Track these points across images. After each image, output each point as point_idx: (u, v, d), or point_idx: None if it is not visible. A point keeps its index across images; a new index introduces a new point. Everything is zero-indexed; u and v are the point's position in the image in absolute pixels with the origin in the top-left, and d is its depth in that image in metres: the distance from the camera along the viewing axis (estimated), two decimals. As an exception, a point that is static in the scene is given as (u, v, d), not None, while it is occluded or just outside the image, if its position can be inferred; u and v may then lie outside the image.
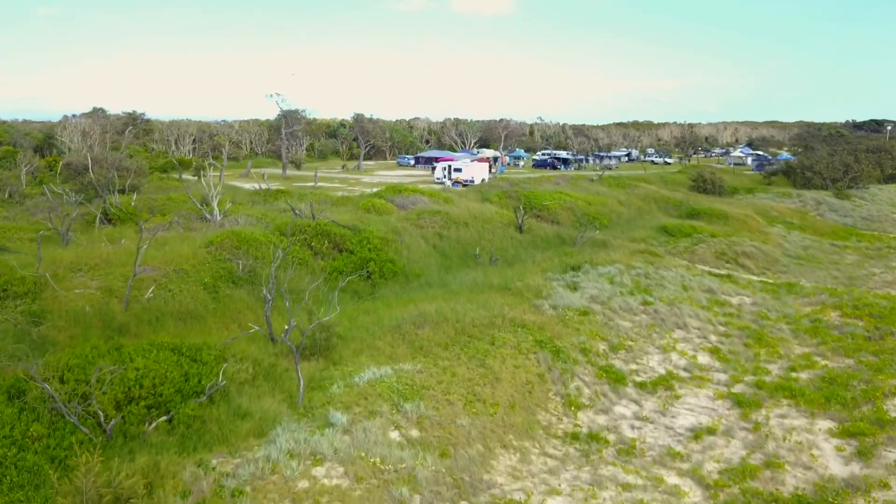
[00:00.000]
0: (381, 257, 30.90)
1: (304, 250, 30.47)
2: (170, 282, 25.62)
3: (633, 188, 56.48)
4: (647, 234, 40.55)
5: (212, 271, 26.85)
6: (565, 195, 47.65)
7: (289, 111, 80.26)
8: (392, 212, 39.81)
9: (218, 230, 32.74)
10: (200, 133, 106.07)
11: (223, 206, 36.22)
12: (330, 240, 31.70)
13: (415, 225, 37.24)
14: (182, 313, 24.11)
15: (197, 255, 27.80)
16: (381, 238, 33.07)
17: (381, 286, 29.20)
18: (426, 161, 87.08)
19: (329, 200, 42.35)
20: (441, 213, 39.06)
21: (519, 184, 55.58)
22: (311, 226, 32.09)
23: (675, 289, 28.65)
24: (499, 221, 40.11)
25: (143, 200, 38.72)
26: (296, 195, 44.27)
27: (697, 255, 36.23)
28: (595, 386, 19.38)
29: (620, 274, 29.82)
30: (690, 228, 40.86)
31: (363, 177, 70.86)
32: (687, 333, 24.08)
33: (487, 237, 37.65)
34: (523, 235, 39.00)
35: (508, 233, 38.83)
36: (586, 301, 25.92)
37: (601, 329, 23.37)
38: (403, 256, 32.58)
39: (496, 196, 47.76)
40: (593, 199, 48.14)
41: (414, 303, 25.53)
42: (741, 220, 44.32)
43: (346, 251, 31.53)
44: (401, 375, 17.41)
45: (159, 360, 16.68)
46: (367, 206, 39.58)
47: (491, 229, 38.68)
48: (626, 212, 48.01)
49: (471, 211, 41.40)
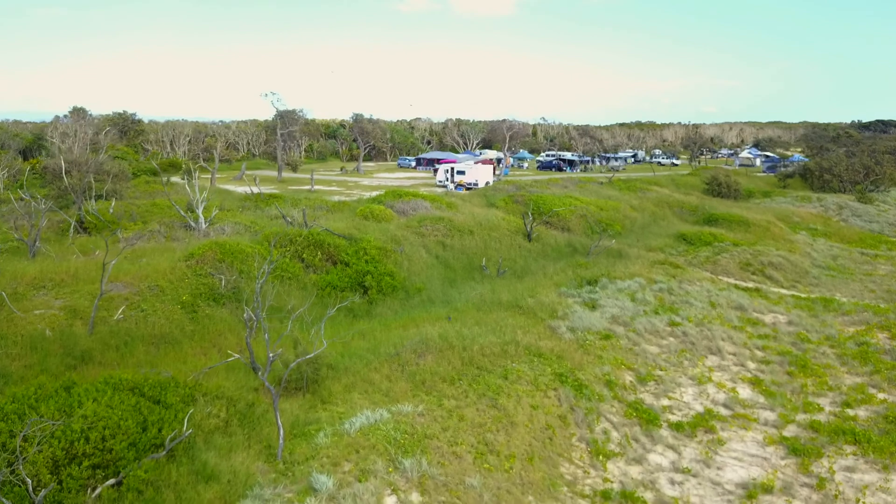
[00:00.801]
0: (378, 270, 28.28)
1: (295, 263, 27.87)
2: (143, 300, 23.02)
3: (645, 192, 53.81)
4: (665, 243, 37.92)
5: (191, 288, 24.25)
6: (575, 200, 45.01)
7: (285, 111, 77.66)
8: (391, 218, 37.19)
9: (201, 241, 30.17)
10: (196, 134, 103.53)
11: (209, 214, 33.64)
12: (323, 251, 29.10)
13: (416, 233, 34.62)
14: (155, 337, 21.51)
15: (175, 270, 25.20)
16: (379, 248, 30.46)
17: (379, 303, 26.58)
18: (428, 163, 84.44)
19: (324, 206, 39.73)
20: (444, 220, 36.44)
21: (525, 187, 52.93)
22: (303, 235, 29.49)
23: (702, 306, 26.03)
24: (506, 229, 37.46)
25: (124, 207, 36.14)
26: (289, 200, 41.66)
27: (721, 266, 33.58)
28: (624, 428, 16.74)
29: (642, 289, 27.20)
30: (710, 236, 38.21)
31: (362, 179, 68.25)
32: (721, 360, 21.44)
33: (494, 246, 35.02)
34: (532, 244, 36.37)
35: (516, 241, 36.19)
36: (607, 322, 23.30)
37: (626, 356, 20.74)
38: (403, 268, 29.95)
39: (502, 201, 45.12)
40: (605, 204, 45.49)
41: (415, 323, 22.94)
42: (763, 226, 41.63)
43: (341, 263, 28.92)
44: (399, 420, 14.79)
45: (114, 405, 14.09)
46: (365, 212, 36.96)
47: (498, 237, 36.05)
48: (639, 217, 45.34)
49: (476, 217, 38.77)
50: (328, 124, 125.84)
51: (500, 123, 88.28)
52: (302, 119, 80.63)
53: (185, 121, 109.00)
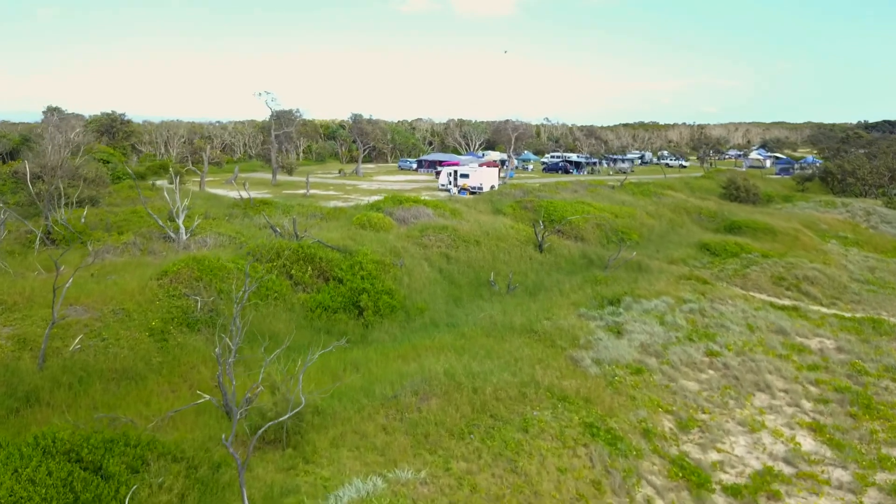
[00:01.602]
0: (375, 287, 25.37)
1: (282, 280, 24.97)
2: (105, 327, 20.12)
3: (659, 197, 50.86)
4: (687, 254, 34.99)
5: (162, 311, 21.35)
6: (588, 206, 42.08)
7: (281, 111, 74.77)
8: (391, 227, 34.27)
9: (180, 254, 27.30)
10: (191, 134, 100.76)
11: (191, 223, 30.76)
12: (314, 266, 26.20)
13: (417, 244, 31.70)
14: (116, 371, 18.61)
15: (146, 290, 22.30)
16: (377, 262, 27.56)
17: (376, 326, 23.67)
18: (429, 165, 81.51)
19: (318, 213, 36.83)
20: (448, 230, 33.52)
21: (533, 192, 49.99)
22: (291, 248, 26.58)
23: (739, 330, 23.11)
24: (515, 239, 34.53)
25: (99, 215, 33.26)
26: (281, 207, 38.76)
27: (751, 281, 30.65)
28: (670, 493, 13.81)
29: (671, 310, 24.28)
30: (736, 247, 35.26)
31: (361, 182, 65.36)
32: (772, 398, 18.50)
33: (503, 258, 32.10)
34: (544, 256, 33.44)
35: (527, 252, 33.26)
36: (637, 352, 20.39)
37: (663, 395, 17.81)
38: (404, 285, 27.04)
39: (509, 207, 42.19)
40: (620, 211, 42.55)
41: (416, 353, 20.04)
42: (791, 235, 38.69)
43: (334, 280, 26.01)
44: (398, 493, 11.91)
45: (38, 479, 11.26)
46: (362, 221, 34.05)
47: (506, 248, 33.12)
48: (657, 225, 42.39)
49: (482, 226, 35.84)
50: (327, 125, 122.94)
51: (504, 124, 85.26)
52: (299, 119, 77.76)
53: (179, 121, 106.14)
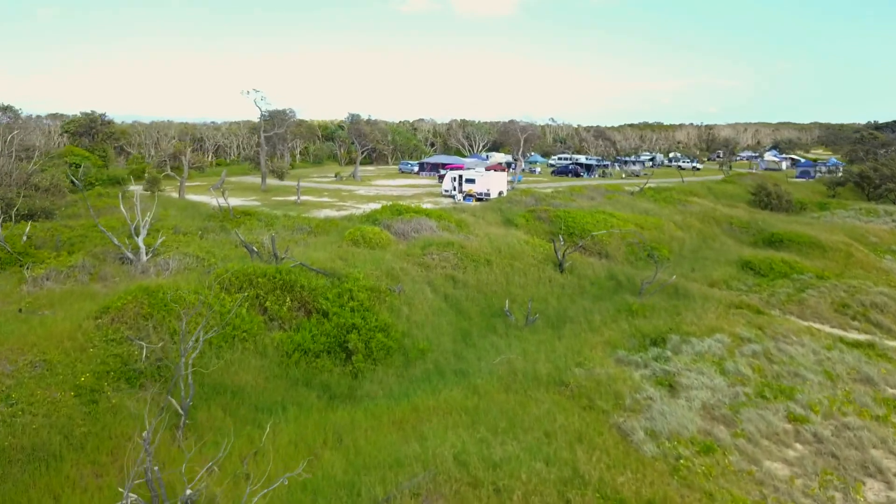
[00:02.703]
0: (368, 323, 20.90)
1: (253, 315, 20.51)
2: (17, 386, 15.67)
3: (684, 204, 46.35)
4: (728, 273, 30.49)
5: (95, 362, 16.90)
6: (609, 216, 37.59)
7: (274, 111, 70.32)
8: (388, 243, 29.81)
9: (136, 280, 22.88)
10: (182, 135, 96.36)
11: (154, 241, 26.33)
12: (294, 295, 21.74)
13: (419, 264, 27.24)
14: (23, 450, 14.15)
15: (80, 333, 17.85)
16: (371, 289, 23.11)
17: (367, 375, 19.19)
18: (432, 168, 76.96)
19: (306, 226, 32.34)
20: (454, 246, 29.06)
21: (546, 199, 45.48)
22: (268, 273, 22.13)
23: (819, 381, 18.62)
24: (531, 256, 30.04)
25: (53, 230, 28.82)
26: (264, 218, 34.29)
27: (810, 308, 26.18)
28: None
29: (729, 354, 19.80)
30: (784, 265, 30.76)
31: (358, 188, 60.89)
32: (888, 488, 14.00)
33: (518, 281, 27.61)
34: (565, 277, 28.95)
35: (545, 273, 28.78)
36: (700, 417, 15.91)
37: (747, 488, 13.32)
38: (402, 317, 22.58)
39: (522, 217, 37.69)
40: (645, 222, 38.06)
41: (417, 417, 15.62)
42: (842, 250, 34.17)
43: (318, 313, 21.56)
44: None
45: None
46: (355, 236, 29.59)
47: (522, 269, 28.63)
48: (687, 238, 37.88)
49: (493, 241, 31.36)
50: (326, 125, 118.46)
51: (511, 125, 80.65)
52: (292, 120, 73.33)
53: (170, 121, 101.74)
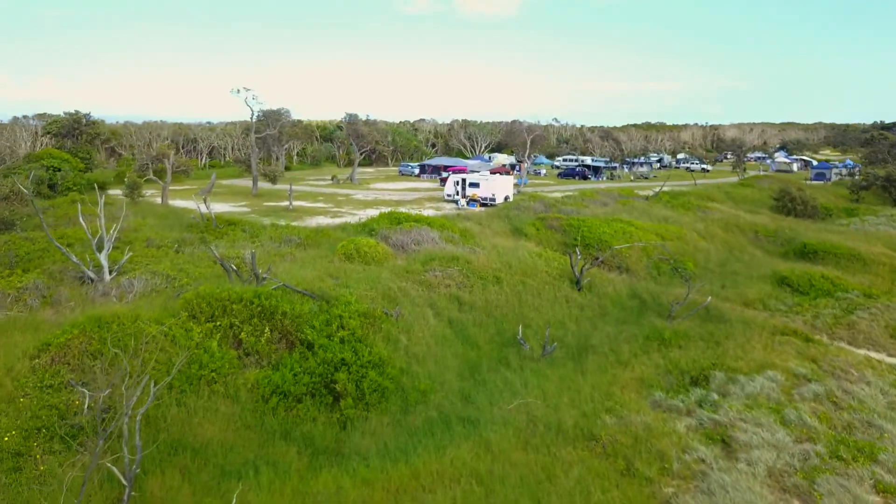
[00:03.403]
0: (360, 357, 17.85)
1: (225, 350, 17.46)
2: (-81, 451, 12.63)
3: (705, 211, 43.27)
4: (763, 291, 27.41)
5: (26, 417, 13.86)
6: (626, 225, 34.51)
7: (268, 111, 67.26)
8: (386, 258, 26.77)
9: (95, 306, 19.87)
10: (175, 136, 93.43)
11: (121, 256, 23.29)
12: (275, 324, 18.70)
13: (420, 283, 24.19)
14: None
15: (9, 379, 14.82)
16: (364, 315, 20.08)
17: (358, 424, 16.12)
18: (433, 170, 73.84)
19: (295, 238, 29.25)
20: (459, 261, 26.01)
21: (556, 205, 42.42)
22: (245, 297, 19.07)
23: (898, 432, 15.54)
24: (544, 272, 26.97)
25: (9, 245, 25.74)
26: (249, 229, 31.20)
27: (862, 333, 23.11)
28: None
29: (787, 397, 16.76)
30: (825, 281, 27.69)
31: (356, 192, 57.81)
32: None
33: (531, 301, 24.54)
34: (584, 296, 25.87)
35: (562, 291, 25.70)
36: (768, 489, 12.83)
37: None
38: (400, 348, 19.52)
39: (531, 226, 34.61)
40: (666, 231, 34.98)
41: (417, 486, 12.57)
42: (885, 263, 31.10)
43: (302, 345, 18.52)
44: None
45: None
46: (349, 250, 26.54)
47: (535, 287, 25.56)
48: (712, 249, 34.78)
49: (501, 254, 28.31)
50: (324, 126, 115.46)
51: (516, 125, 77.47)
52: (287, 120, 70.23)
53: (163, 122, 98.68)
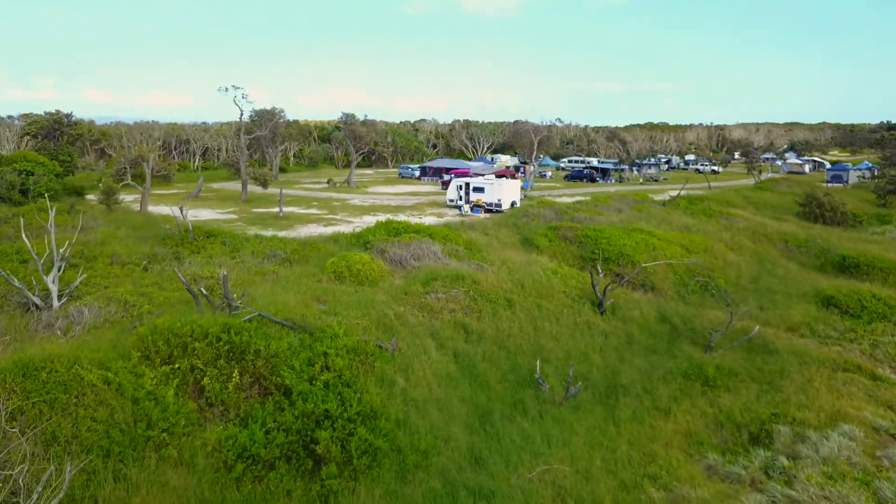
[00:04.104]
0: (347, 409, 14.72)
1: (184, 400, 14.32)
2: None
3: (728, 218, 40.10)
4: (807, 313, 24.25)
5: None
6: (647, 235, 31.35)
7: (261, 111, 64.11)
8: (381, 276, 23.64)
9: (34, 340, 16.77)
10: (168, 137, 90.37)
11: (74, 278, 20.14)
12: (246, 366, 15.57)
13: (420, 307, 21.05)
14: None
15: None
16: (354, 350, 16.97)
17: (343, 498, 12.95)
18: (434, 173, 70.65)
19: (280, 252, 26.08)
20: (465, 281, 22.88)
21: (568, 212, 39.27)
22: (212, 332, 15.94)
23: None
24: (561, 292, 23.82)
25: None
26: (231, 241, 28.01)
27: (932, 366, 19.91)
28: None
29: (873, 464, 13.59)
30: (877, 302, 24.54)
31: (353, 196, 54.65)
32: None
33: (549, 328, 21.36)
34: (607, 320, 22.72)
35: (583, 316, 22.54)
36: None
37: None
38: (396, 393, 16.38)
39: (543, 237, 31.44)
40: (690, 242, 31.82)
41: None
42: (939, 280, 27.89)
43: (279, 391, 15.38)
44: None
45: None
46: (339, 267, 23.39)
47: (552, 311, 22.40)
48: (742, 262, 31.59)
49: (512, 271, 25.17)
50: (323, 126, 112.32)
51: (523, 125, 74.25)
52: (282, 121, 67.01)
53: (155, 122, 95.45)
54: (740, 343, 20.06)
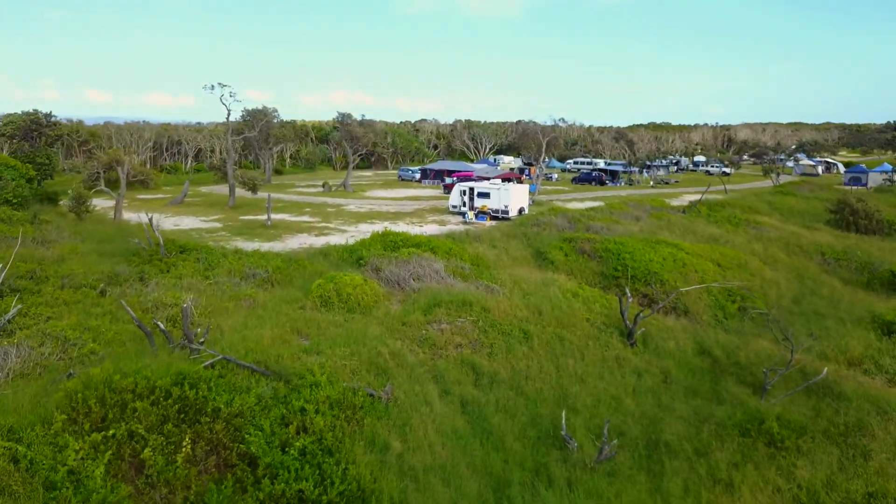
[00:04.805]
0: (327, 490, 11.56)
1: (113, 483, 11.08)
2: None
3: (755, 227, 36.87)
4: (868, 343, 21.00)
5: None
6: (674, 249, 28.10)
7: (254, 111, 60.90)
8: (376, 301, 20.41)
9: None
10: (160, 137, 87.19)
11: (9, 306, 16.92)
12: (201, 431, 12.37)
13: (420, 342, 17.83)
14: None
15: None
16: (339, 405, 13.77)
17: None
18: (436, 175, 67.45)
19: (261, 272, 22.82)
20: (473, 308, 19.67)
21: (582, 220, 36.03)
22: (160, 387, 12.72)
23: None
24: (584, 319, 20.60)
25: None
26: (207, 257, 24.72)
27: None
28: None
29: None
30: (948, 329, 21.24)
31: (348, 202, 51.41)
32: None
33: (573, 366, 18.10)
34: (639, 354, 19.48)
35: (611, 349, 19.29)
36: None
37: None
38: (391, 462, 13.17)
39: (558, 250, 28.19)
40: (721, 256, 28.57)
41: None
42: None
43: (242, 462, 12.16)
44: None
45: None
46: (326, 292, 20.16)
47: (576, 344, 19.15)
48: (781, 280, 28.33)
49: (527, 294, 21.95)
50: (320, 126, 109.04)
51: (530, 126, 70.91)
52: (275, 121, 63.72)
53: (146, 122, 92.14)
54: (804, 388, 16.81)
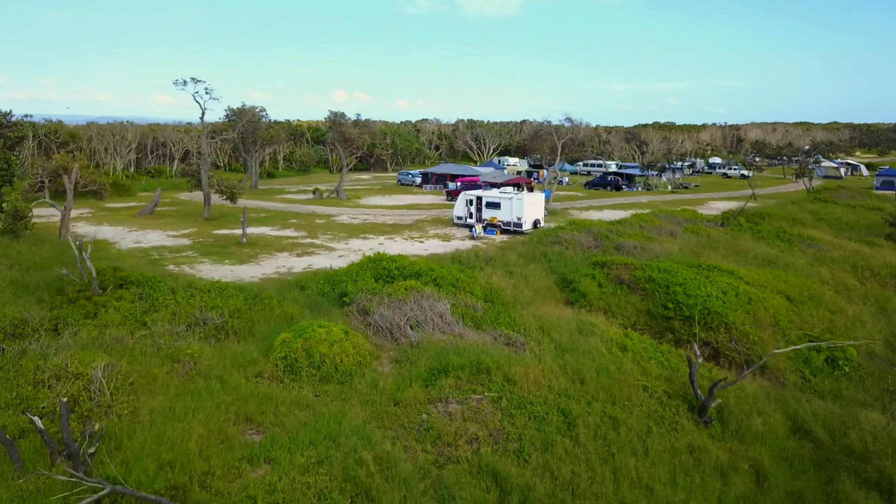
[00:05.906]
0: None
1: None
2: None
3: (809, 244, 31.58)
4: None
5: None
6: (728, 276, 22.83)
7: (240, 109, 55.65)
8: (360, 364, 15.22)
9: None
10: (145, 138, 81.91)
11: None
12: None
13: (419, 434, 12.63)
14: None
15: None
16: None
17: None
18: (438, 180, 62.20)
19: (214, 317, 17.63)
20: (492, 375, 14.50)
21: (609, 236, 30.78)
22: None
23: None
24: (639, 386, 15.37)
25: None
26: (151, 295, 19.53)
27: None
28: None
29: None
30: None
31: (340, 211, 46.17)
32: None
33: (632, 467, 12.84)
34: (716, 440, 14.25)
35: (681, 435, 14.05)
36: None
37: None
38: None
39: (589, 278, 22.92)
40: (785, 285, 23.31)
41: None
42: None
43: None
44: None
45: None
46: (294, 352, 14.94)
47: (633, 428, 13.90)
48: (865, 315, 23.04)
49: (560, 347, 16.77)
50: (316, 127, 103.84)
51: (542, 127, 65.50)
52: (263, 121, 58.42)
53: (130, 122, 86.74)
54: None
